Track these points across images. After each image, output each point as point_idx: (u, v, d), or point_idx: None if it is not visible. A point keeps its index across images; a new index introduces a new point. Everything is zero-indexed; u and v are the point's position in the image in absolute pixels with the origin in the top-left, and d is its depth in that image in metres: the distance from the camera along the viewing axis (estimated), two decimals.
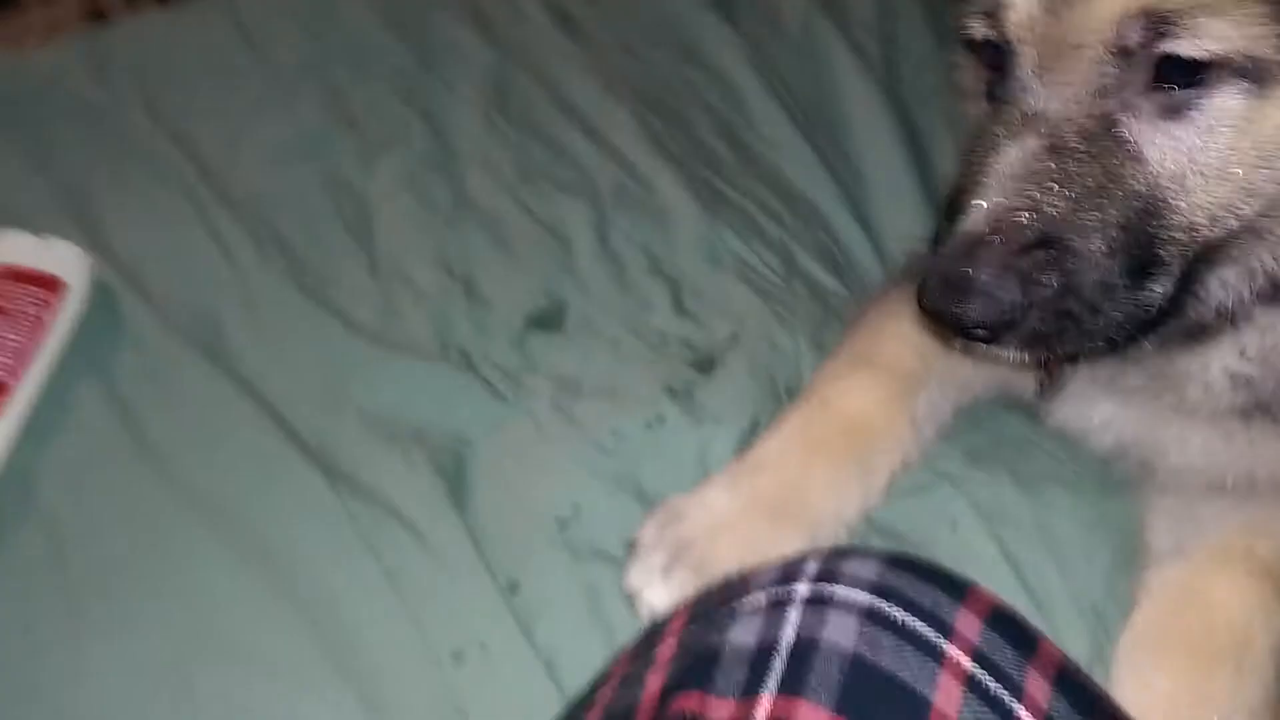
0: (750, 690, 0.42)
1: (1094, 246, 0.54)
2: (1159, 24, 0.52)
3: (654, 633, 0.50)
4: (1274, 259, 0.58)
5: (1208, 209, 0.55)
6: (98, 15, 2.26)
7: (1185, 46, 0.52)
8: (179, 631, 0.67)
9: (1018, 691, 0.42)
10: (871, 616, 0.43)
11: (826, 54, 1.23)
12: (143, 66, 1.17)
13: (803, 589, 0.45)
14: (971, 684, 0.42)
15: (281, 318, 0.88)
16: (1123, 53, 0.54)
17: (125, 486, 0.74)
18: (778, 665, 0.42)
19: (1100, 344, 0.59)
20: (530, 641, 0.66)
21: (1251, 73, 0.52)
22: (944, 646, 0.42)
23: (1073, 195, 0.54)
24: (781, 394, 0.84)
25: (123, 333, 0.84)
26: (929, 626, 0.43)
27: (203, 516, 0.72)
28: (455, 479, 0.76)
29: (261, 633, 0.67)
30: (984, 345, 0.59)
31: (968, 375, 0.82)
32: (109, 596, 0.69)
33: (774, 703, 0.41)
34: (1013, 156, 0.55)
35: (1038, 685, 0.43)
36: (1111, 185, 0.54)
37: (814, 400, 0.78)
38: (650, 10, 1.30)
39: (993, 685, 0.42)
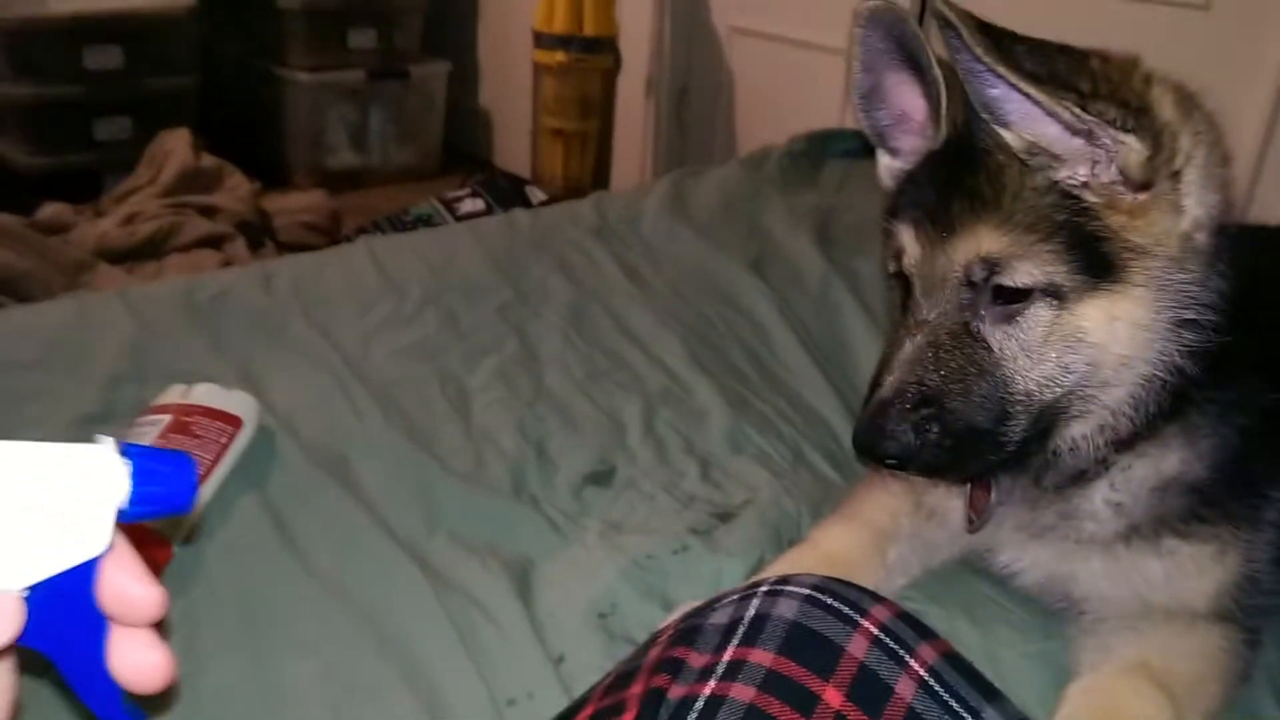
0: (720, 647, 0.62)
1: (959, 405, 0.79)
2: (991, 266, 0.78)
3: (655, 633, 0.70)
4: (1110, 418, 0.82)
5: (1036, 380, 0.80)
6: (228, 265, 2.69)
7: (1007, 280, 0.78)
8: (305, 668, 0.86)
9: (910, 651, 0.61)
10: (810, 600, 0.63)
11: (840, 307, 1.53)
12: (299, 286, 1.51)
13: (764, 588, 0.65)
14: (876, 641, 0.61)
15: (395, 462, 1.13)
16: (970, 284, 0.80)
17: (272, 567, 0.96)
18: (741, 629, 0.62)
19: (979, 470, 0.85)
20: (569, 696, 0.85)
21: (1054, 292, 0.77)
22: (859, 619, 0.62)
23: (943, 373, 0.80)
24: (784, 544, 1.05)
25: (277, 461, 1.10)
26: (850, 609, 0.62)
27: (329, 592, 0.93)
28: (521, 582, 0.97)
29: (366, 675, 0.86)
30: (900, 472, 0.84)
31: (934, 538, 1.02)
32: (254, 637, 0.89)
33: (734, 651, 0.61)
34: (908, 348, 0.82)
35: (928, 652, 0.61)
36: (970, 366, 0.80)
37: (806, 543, 1.00)
38: (698, 269, 1.63)
39: (892, 644, 0.61)
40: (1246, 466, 0.86)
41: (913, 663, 0.61)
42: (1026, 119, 0.77)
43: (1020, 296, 0.78)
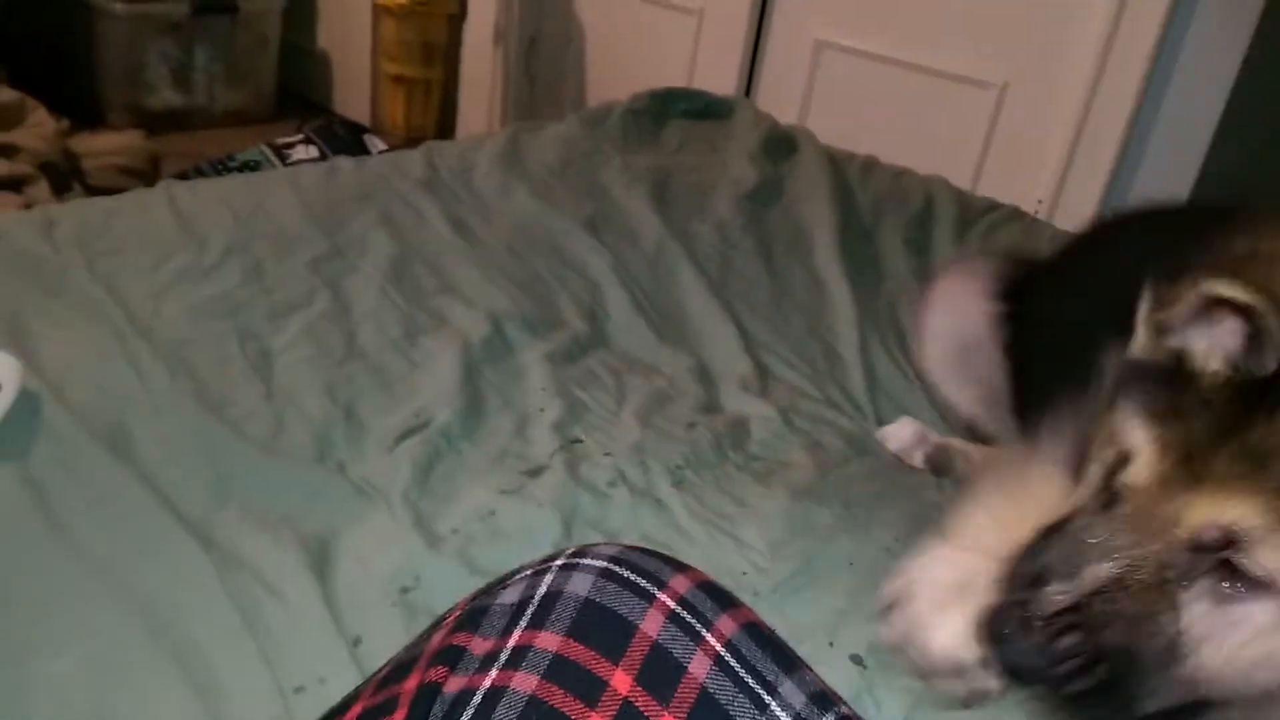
0: (507, 631, 0.57)
1: (1119, 658, 0.66)
2: (1229, 538, 0.63)
3: (443, 614, 0.64)
4: None
5: (1207, 673, 0.66)
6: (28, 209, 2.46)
7: (1243, 559, 0.63)
8: (62, 663, 0.77)
9: (708, 625, 0.57)
10: (605, 574, 0.59)
11: (674, 267, 1.50)
12: (84, 233, 1.36)
13: (560, 561, 0.60)
14: (672, 616, 0.57)
15: (181, 428, 1.02)
16: (1196, 547, 0.65)
17: (30, 549, 0.85)
18: (530, 609, 0.57)
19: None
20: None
21: None
22: (656, 593, 0.58)
23: (1120, 622, 0.66)
24: (603, 490, 1.01)
25: (41, 429, 0.98)
26: (648, 581, 0.59)
27: (96, 576, 0.84)
28: (319, 556, 0.89)
29: (133, 665, 0.77)
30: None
31: None
32: (3, 629, 0.79)
33: (521, 635, 0.56)
34: (1095, 572, 0.67)
35: (727, 624, 0.58)
36: (1149, 626, 0.66)
37: None
38: (533, 225, 1.57)
39: (689, 618, 0.57)
40: None
41: (709, 637, 0.57)
42: None
43: (1242, 582, 0.65)
